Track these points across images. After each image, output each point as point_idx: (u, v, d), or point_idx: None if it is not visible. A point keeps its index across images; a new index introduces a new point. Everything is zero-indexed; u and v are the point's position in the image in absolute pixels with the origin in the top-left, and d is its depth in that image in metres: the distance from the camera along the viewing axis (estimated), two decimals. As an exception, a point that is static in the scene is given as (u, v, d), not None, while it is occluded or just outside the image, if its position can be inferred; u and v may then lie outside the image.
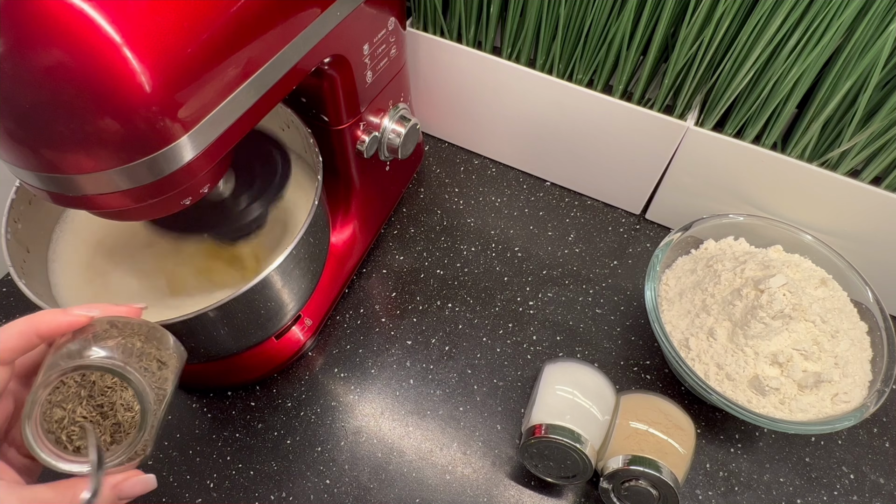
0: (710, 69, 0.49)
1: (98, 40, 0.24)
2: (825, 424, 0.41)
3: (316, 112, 0.45)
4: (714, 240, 0.53)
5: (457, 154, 0.67)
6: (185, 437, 0.47)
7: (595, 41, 0.51)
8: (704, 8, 0.45)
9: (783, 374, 0.44)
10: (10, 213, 0.39)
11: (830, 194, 0.50)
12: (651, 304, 0.47)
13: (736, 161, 0.51)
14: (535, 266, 0.58)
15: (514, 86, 0.57)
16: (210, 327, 0.38)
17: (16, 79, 0.24)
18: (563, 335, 0.53)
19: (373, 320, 0.54)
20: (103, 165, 0.27)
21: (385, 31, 0.46)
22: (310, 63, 0.36)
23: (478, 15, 0.56)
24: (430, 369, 0.51)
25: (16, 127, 0.26)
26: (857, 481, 0.47)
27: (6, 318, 0.53)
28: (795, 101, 0.47)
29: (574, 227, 0.61)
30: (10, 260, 0.37)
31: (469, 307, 0.55)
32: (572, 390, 0.43)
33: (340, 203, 0.52)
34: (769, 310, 0.43)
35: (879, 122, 0.44)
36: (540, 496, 0.45)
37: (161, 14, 0.26)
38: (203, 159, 0.30)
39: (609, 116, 0.54)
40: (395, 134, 0.51)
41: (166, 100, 0.26)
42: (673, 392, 0.50)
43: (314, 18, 0.35)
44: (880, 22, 0.41)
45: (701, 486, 0.46)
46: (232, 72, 0.29)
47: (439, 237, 0.60)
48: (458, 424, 0.48)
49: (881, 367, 0.44)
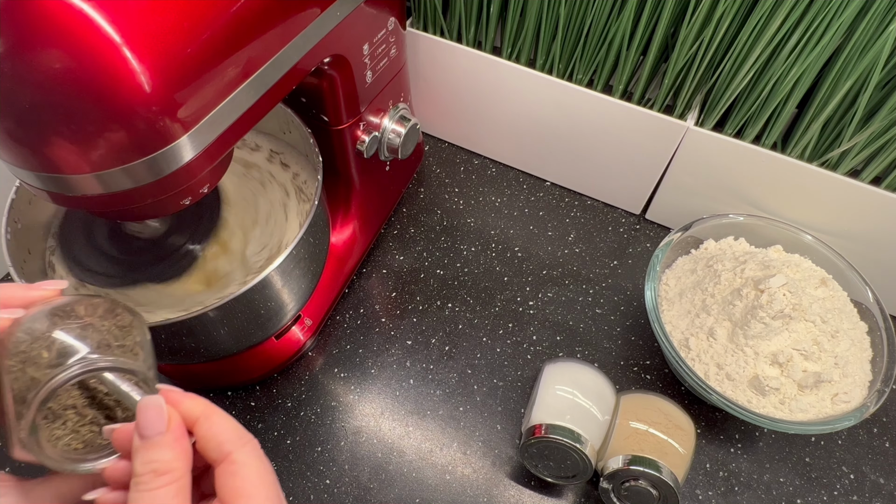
0: (710, 69, 0.49)
1: (98, 40, 0.24)
2: (825, 424, 0.41)
3: (316, 112, 0.45)
4: (714, 240, 0.53)
5: (457, 154, 0.67)
6: (185, 437, 0.47)
7: (595, 41, 0.51)
8: (704, 8, 0.45)
9: (783, 374, 0.44)
10: (10, 213, 0.39)
11: (830, 194, 0.50)
12: (651, 304, 0.47)
13: (736, 161, 0.51)
14: (535, 266, 0.58)
15: (514, 86, 0.57)
16: (210, 327, 0.38)
17: (16, 79, 0.24)
18: (563, 335, 0.53)
19: (373, 320, 0.54)
20: (103, 165, 0.27)
21: (385, 31, 0.46)
22: (310, 63, 0.36)
23: (478, 15, 0.56)
24: (430, 369, 0.51)
25: (16, 127, 0.26)
26: (857, 481, 0.47)
27: (6, 318, 0.53)
28: (795, 101, 0.47)
29: (574, 227, 0.61)
30: (10, 260, 0.37)
31: (469, 307, 0.55)
32: (572, 390, 0.43)
33: (340, 203, 0.52)
34: (769, 310, 0.43)
35: (879, 122, 0.44)
36: (540, 496, 0.45)
37: (161, 14, 0.26)
38: (203, 159, 0.30)
39: (609, 116, 0.54)
40: (395, 134, 0.51)
41: (166, 100, 0.26)
42: (673, 392, 0.50)
43: (314, 18, 0.35)
44: (880, 22, 0.41)
45: (701, 486, 0.46)
46: (232, 72, 0.29)
47: (439, 237, 0.60)
48: (458, 424, 0.48)
49: (881, 367, 0.44)
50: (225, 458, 0.24)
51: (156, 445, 0.23)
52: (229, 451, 0.24)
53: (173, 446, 0.23)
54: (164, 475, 0.22)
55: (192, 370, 0.49)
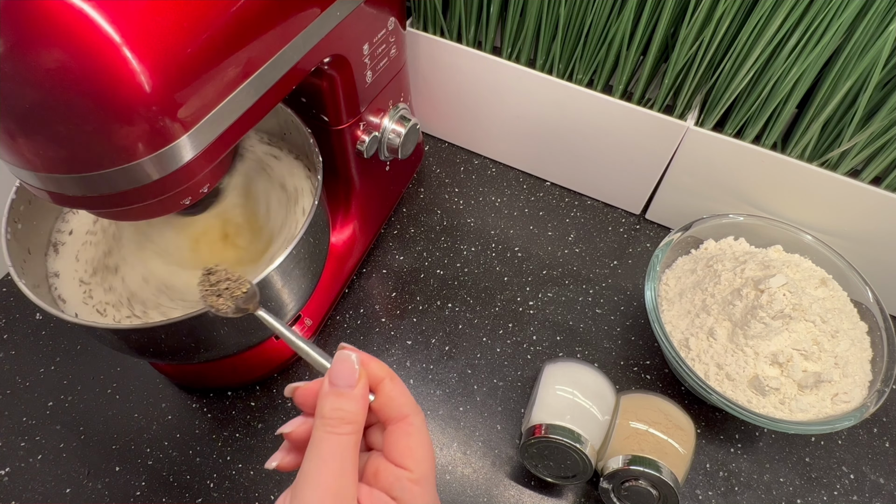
0: (710, 69, 0.49)
1: (98, 40, 0.24)
2: (825, 424, 0.41)
3: (316, 112, 0.45)
4: (714, 240, 0.53)
5: (457, 154, 0.67)
6: (185, 437, 0.47)
7: (595, 41, 0.51)
8: (704, 8, 0.45)
9: (783, 374, 0.44)
10: (10, 213, 0.39)
11: (830, 194, 0.50)
12: (651, 304, 0.47)
13: (736, 161, 0.51)
14: (535, 266, 0.58)
15: (514, 86, 0.57)
16: (210, 327, 0.38)
17: (16, 79, 0.24)
18: (563, 335, 0.53)
19: (373, 320, 0.54)
20: (103, 165, 0.27)
21: (385, 31, 0.46)
22: (310, 63, 0.36)
23: (478, 15, 0.56)
24: (430, 369, 0.51)
25: (16, 127, 0.26)
26: (857, 481, 0.47)
27: (6, 318, 0.53)
28: (795, 101, 0.47)
29: (574, 227, 0.61)
30: (10, 260, 0.37)
31: (469, 307, 0.55)
32: (572, 390, 0.43)
33: (340, 203, 0.52)
34: (769, 310, 0.43)
35: (879, 122, 0.44)
36: (540, 496, 0.45)
37: (161, 14, 0.26)
38: (203, 159, 0.30)
39: (609, 116, 0.54)
40: (395, 134, 0.51)
41: (166, 100, 0.26)
42: (673, 392, 0.50)
43: (314, 18, 0.35)
44: (880, 22, 0.41)
45: (701, 486, 0.46)
46: (232, 72, 0.29)
47: (439, 237, 0.60)
48: (458, 424, 0.48)
49: (881, 367, 0.44)
50: (403, 419, 0.27)
51: (345, 396, 0.26)
52: (407, 414, 0.27)
53: (359, 401, 0.26)
54: (348, 424, 0.25)
55: (192, 370, 0.49)
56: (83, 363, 0.50)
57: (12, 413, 0.48)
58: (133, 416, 0.48)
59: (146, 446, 0.46)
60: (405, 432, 0.27)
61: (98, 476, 0.45)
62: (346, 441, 0.25)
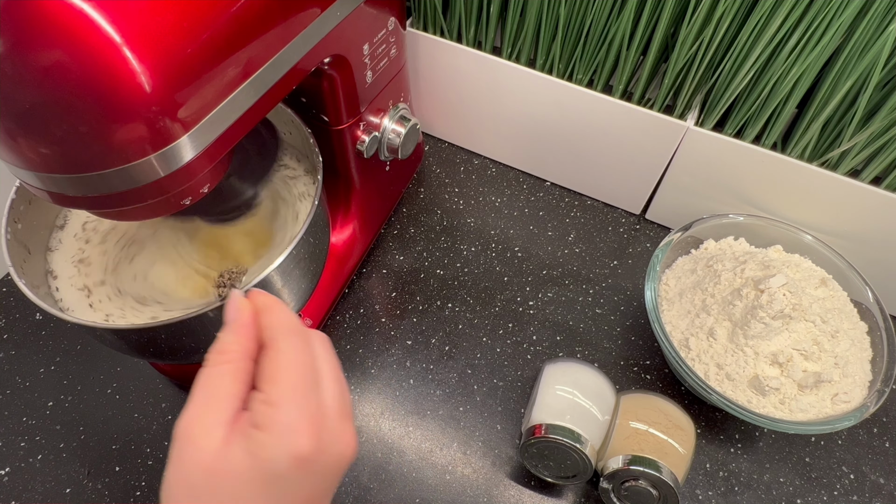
0: (710, 69, 0.49)
1: (98, 40, 0.24)
2: (825, 424, 0.41)
3: (316, 112, 0.45)
4: (714, 240, 0.53)
5: (457, 154, 0.67)
6: (185, 437, 0.47)
7: (595, 41, 0.51)
8: (704, 8, 0.45)
9: (783, 374, 0.44)
10: (10, 213, 0.39)
11: (830, 194, 0.50)
12: (651, 304, 0.47)
13: (736, 161, 0.51)
14: (535, 266, 0.58)
15: (514, 86, 0.57)
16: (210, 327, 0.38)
17: (16, 79, 0.24)
18: (563, 335, 0.53)
19: (373, 320, 0.54)
20: (103, 165, 0.27)
21: (385, 31, 0.46)
22: (310, 63, 0.36)
23: (478, 15, 0.56)
24: (430, 369, 0.51)
25: (16, 127, 0.26)
26: (857, 481, 0.47)
27: (6, 318, 0.53)
28: (795, 101, 0.47)
29: (574, 227, 0.61)
30: (10, 260, 0.37)
31: (469, 307, 0.55)
32: (572, 390, 0.43)
33: (340, 203, 0.52)
34: (769, 310, 0.44)
35: (879, 122, 0.44)
36: (540, 496, 0.45)
37: (161, 14, 0.26)
38: (203, 159, 0.30)
39: (609, 116, 0.54)
40: (395, 134, 0.51)
41: (166, 100, 0.26)
42: (673, 392, 0.50)
43: (314, 18, 0.35)
44: (880, 22, 0.41)
45: (701, 486, 0.46)
46: (232, 72, 0.29)
47: (439, 237, 0.60)
48: (458, 424, 0.48)
49: (881, 367, 0.44)
50: (271, 345, 0.27)
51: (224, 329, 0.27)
52: (274, 338, 0.27)
53: (235, 330, 0.27)
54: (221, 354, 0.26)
55: (192, 370, 0.49)
56: (83, 363, 0.50)
57: (12, 413, 0.48)
58: (133, 416, 0.48)
59: (146, 446, 0.46)
60: (268, 357, 0.26)
61: (98, 476, 0.45)
62: (213, 372, 0.26)
